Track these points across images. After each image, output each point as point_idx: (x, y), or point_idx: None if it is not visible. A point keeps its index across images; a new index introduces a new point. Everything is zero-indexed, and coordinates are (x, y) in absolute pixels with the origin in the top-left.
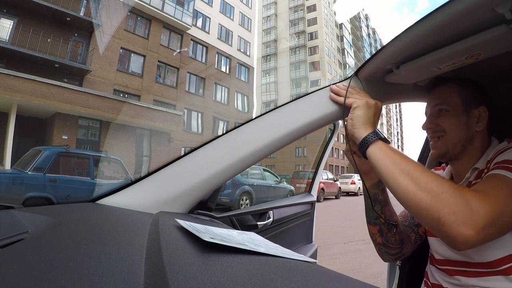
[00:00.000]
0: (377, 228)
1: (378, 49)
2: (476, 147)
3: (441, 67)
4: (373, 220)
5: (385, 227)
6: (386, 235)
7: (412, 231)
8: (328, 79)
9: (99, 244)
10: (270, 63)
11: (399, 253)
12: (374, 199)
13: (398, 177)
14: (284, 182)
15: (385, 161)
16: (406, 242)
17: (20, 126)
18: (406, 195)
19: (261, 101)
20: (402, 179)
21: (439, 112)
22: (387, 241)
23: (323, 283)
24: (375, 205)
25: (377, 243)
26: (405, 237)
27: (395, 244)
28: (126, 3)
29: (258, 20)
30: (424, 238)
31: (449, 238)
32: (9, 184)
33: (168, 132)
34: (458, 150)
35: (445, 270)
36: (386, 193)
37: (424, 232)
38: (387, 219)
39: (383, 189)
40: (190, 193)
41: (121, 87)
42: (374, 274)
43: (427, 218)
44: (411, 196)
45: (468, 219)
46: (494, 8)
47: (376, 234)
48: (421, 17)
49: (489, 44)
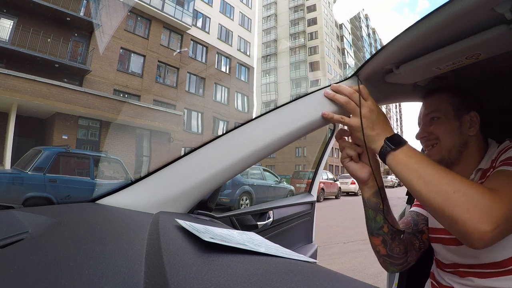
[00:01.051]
0: (381, 239)
1: (378, 49)
2: (472, 150)
3: (441, 67)
4: (375, 231)
5: (388, 237)
6: (390, 246)
7: (416, 238)
8: (328, 79)
9: (99, 244)
10: (270, 63)
11: (405, 262)
12: (375, 209)
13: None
14: (284, 182)
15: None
16: (411, 250)
17: (20, 126)
18: (421, 197)
19: (261, 101)
20: (415, 183)
21: (431, 121)
22: (391, 252)
23: (323, 283)
24: (377, 215)
25: (381, 255)
26: (409, 245)
27: (399, 254)
28: (126, 3)
29: (258, 20)
30: (428, 245)
31: (464, 236)
32: (9, 184)
33: (168, 132)
34: (454, 155)
35: (455, 272)
36: (387, 202)
37: (428, 239)
38: (390, 227)
39: (384, 197)
40: (190, 193)
41: (121, 87)
42: (374, 274)
43: (442, 218)
44: (425, 198)
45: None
46: (494, 8)
47: (379, 245)
48: (421, 17)
49: (489, 44)
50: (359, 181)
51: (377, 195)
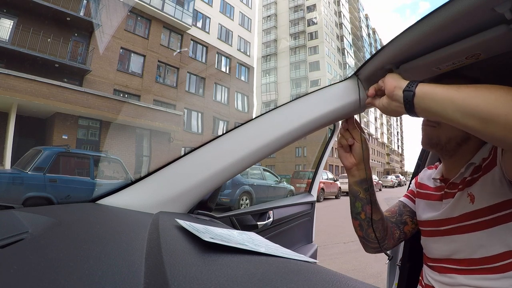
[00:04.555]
0: (358, 222)
1: (378, 49)
2: (471, 147)
3: (441, 67)
4: (354, 215)
5: (365, 223)
6: (366, 231)
7: (397, 228)
8: (328, 79)
9: (99, 244)
10: (270, 63)
11: (378, 248)
12: (355, 195)
13: (447, 116)
14: (284, 182)
15: (431, 104)
16: (389, 239)
17: (20, 126)
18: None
19: (261, 101)
20: (451, 114)
21: None
22: (367, 236)
23: (323, 283)
24: (356, 201)
25: (358, 235)
26: (389, 234)
27: (374, 240)
28: (126, 3)
29: (258, 20)
30: (408, 236)
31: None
32: (9, 184)
33: (168, 132)
34: (452, 146)
35: (435, 268)
36: (370, 192)
37: (409, 230)
38: (367, 216)
39: (366, 188)
40: (190, 193)
41: (121, 87)
42: (374, 274)
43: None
44: (463, 127)
45: None
46: (494, 8)
47: (357, 227)
48: (421, 17)
49: (489, 44)
50: (345, 168)
51: (358, 184)
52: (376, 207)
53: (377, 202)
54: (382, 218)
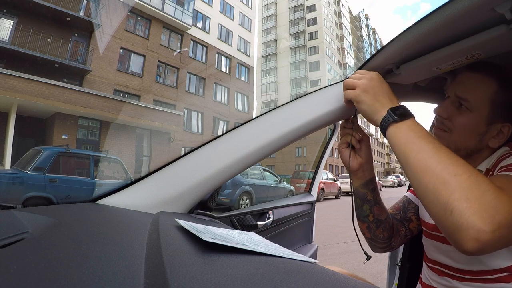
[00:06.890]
0: (366, 225)
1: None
2: (482, 156)
3: (441, 67)
4: (361, 218)
5: (373, 225)
6: (374, 232)
7: (402, 226)
8: (328, 79)
9: (99, 244)
10: (270, 63)
11: (388, 246)
12: (363, 199)
13: (408, 156)
14: (284, 182)
15: (399, 141)
16: (395, 236)
17: (20, 126)
18: (415, 176)
19: (261, 101)
20: (412, 158)
21: (460, 105)
22: (375, 237)
23: (323, 283)
24: (364, 204)
25: (366, 237)
26: (395, 232)
27: (383, 239)
28: (126, 3)
29: (258, 20)
30: (415, 233)
31: (456, 232)
32: (9, 184)
33: (168, 132)
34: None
35: (434, 269)
36: (376, 193)
37: (415, 227)
38: (376, 217)
39: (373, 188)
40: (190, 193)
41: (121, 87)
42: (374, 274)
43: (434, 203)
44: (419, 178)
45: (483, 210)
46: (494, 8)
47: (364, 230)
48: (421, 17)
49: (489, 44)
50: (349, 170)
51: (365, 186)
52: (381, 207)
53: (382, 201)
54: (388, 216)
